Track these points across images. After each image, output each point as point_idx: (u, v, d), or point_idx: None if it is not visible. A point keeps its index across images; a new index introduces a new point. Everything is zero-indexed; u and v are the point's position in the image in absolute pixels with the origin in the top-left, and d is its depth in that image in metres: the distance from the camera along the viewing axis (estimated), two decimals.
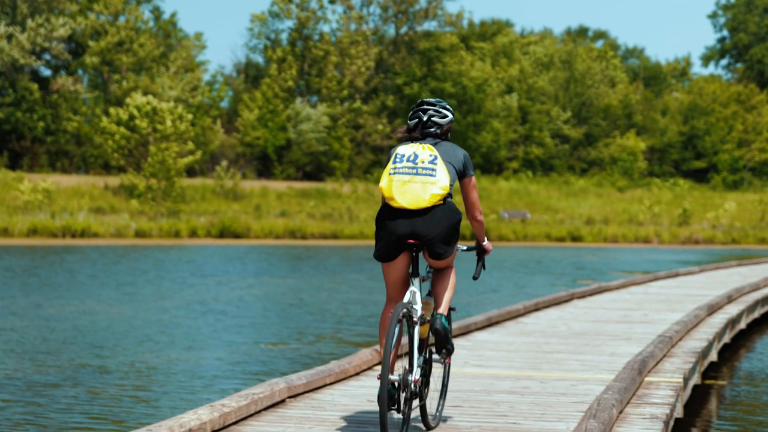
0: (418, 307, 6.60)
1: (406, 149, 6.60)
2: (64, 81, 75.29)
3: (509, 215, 63.50)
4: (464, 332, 12.42)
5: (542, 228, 59.68)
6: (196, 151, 65.11)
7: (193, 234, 52.30)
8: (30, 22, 71.58)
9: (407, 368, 6.44)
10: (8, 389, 12.21)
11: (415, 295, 6.65)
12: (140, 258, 36.96)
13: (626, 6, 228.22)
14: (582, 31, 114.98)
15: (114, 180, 64.17)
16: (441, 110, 6.78)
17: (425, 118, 6.76)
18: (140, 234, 50.80)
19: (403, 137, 6.84)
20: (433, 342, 6.76)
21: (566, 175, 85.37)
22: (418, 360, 6.53)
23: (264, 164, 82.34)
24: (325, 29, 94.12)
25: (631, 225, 64.11)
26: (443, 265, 6.83)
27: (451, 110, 6.82)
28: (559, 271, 34.44)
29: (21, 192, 54.28)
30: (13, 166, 69.43)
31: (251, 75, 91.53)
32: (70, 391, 12.12)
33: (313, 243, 52.45)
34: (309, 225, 55.55)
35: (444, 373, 7.27)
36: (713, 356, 13.06)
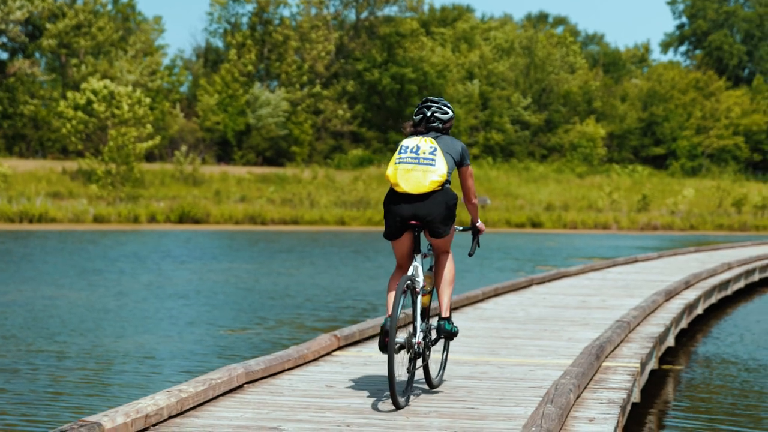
0: (420, 280, 7.51)
1: (410, 142, 7.49)
2: (21, 64, 74.58)
3: None
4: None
5: (502, 214, 59.84)
6: (156, 136, 64.76)
7: (153, 219, 52.03)
8: None
9: (411, 332, 7.35)
10: None
11: (418, 269, 7.54)
12: (99, 243, 36.73)
13: None
14: (542, 17, 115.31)
15: (72, 164, 63.71)
16: (443, 107, 7.69)
17: (429, 114, 7.67)
18: (99, 219, 50.47)
19: (410, 131, 7.70)
20: (438, 335, 7.82)
21: (526, 161, 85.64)
22: (421, 326, 7.45)
23: (224, 149, 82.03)
24: (286, 14, 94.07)
25: (591, 211, 64.43)
26: (442, 245, 7.66)
27: (452, 108, 7.73)
28: (519, 257, 34.56)
29: None
30: None
31: (211, 59, 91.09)
32: (28, 377, 12.03)
33: (273, 228, 52.33)
34: (269, 210, 55.40)
35: (445, 347, 8.25)
36: (670, 341, 13.15)
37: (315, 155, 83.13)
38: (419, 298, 7.45)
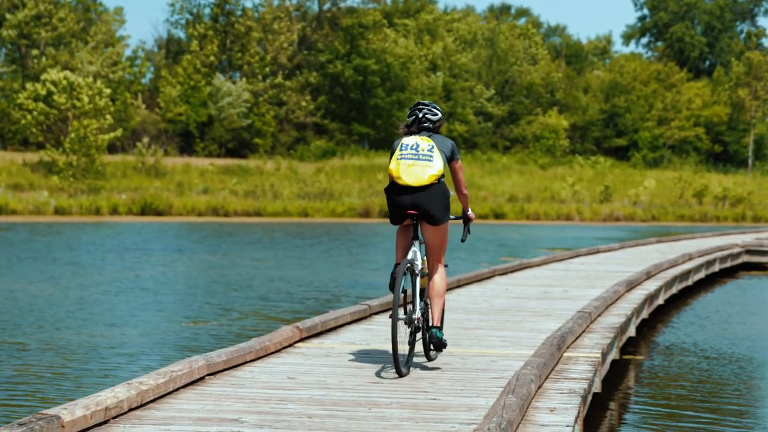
0: (419, 263, 8.38)
1: (410, 140, 8.36)
2: None
3: None
4: (386, 309, 12.43)
5: None
6: (117, 128, 64.37)
7: (114, 211, 51.74)
8: None
9: (411, 309, 8.31)
10: None
11: (416, 254, 8.40)
12: (60, 235, 36.49)
13: None
14: (504, 9, 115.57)
15: (33, 156, 63.23)
16: (433, 110, 8.56)
17: (420, 116, 8.53)
18: (60, 211, 50.14)
19: (404, 132, 8.58)
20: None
21: (489, 153, 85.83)
22: (420, 304, 8.36)
23: (186, 141, 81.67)
24: (248, 4, 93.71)
25: (554, 202, 64.65)
26: (437, 238, 8.45)
27: (440, 110, 8.65)
28: (482, 248, 34.64)
29: None
30: None
31: (173, 51, 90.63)
32: None
33: (236, 220, 52.18)
34: (232, 202, 55.23)
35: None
36: (632, 331, 13.22)
37: (278, 147, 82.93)
38: (418, 279, 8.32)
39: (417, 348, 9.00)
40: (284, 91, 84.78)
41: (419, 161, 8.25)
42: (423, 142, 8.33)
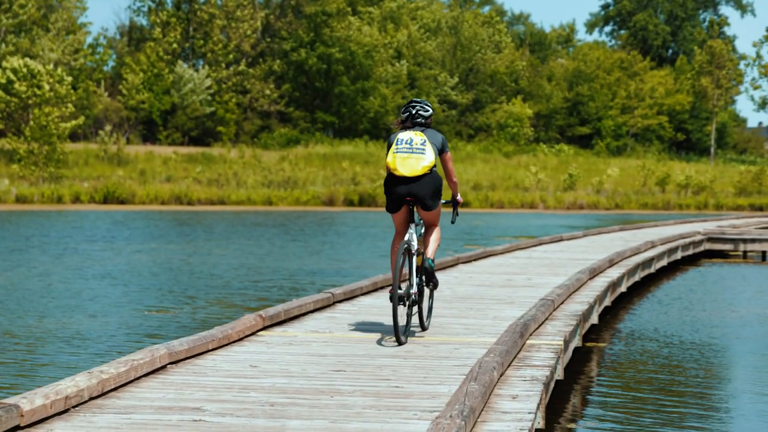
0: (415, 244, 9.39)
1: (405, 135, 9.33)
2: None
3: None
4: (349, 297, 12.42)
5: None
6: (79, 116, 63.92)
7: (77, 200, 51.42)
8: None
9: (409, 284, 9.30)
10: None
11: (412, 236, 9.40)
12: (21, 224, 36.22)
13: None
14: None
15: None
16: (425, 107, 9.59)
17: (414, 112, 9.55)
18: (21, 200, 49.77)
19: (399, 127, 9.57)
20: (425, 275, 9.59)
21: (454, 141, 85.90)
22: (416, 280, 9.39)
23: (149, 129, 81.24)
24: None
25: (518, 190, 64.83)
26: (432, 217, 9.60)
27: (431, 106, 9.66)
28: (445, 236, 34.68)
29: None
30: None
31: (135, 38, 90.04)
32: None
33: (200, 209, 51.99)
34: (195, 190, 55.02)
35: (431, 296, 10.13)
36: (594, 319, 13.27)
37: (242, 135, 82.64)
38: (414, 258, 9.36)
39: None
40: (248, 79, 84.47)
41: (413, 154, 9.23)
42: (416, 137, 9.29)
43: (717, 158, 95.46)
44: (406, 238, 9.35)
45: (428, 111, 9.60)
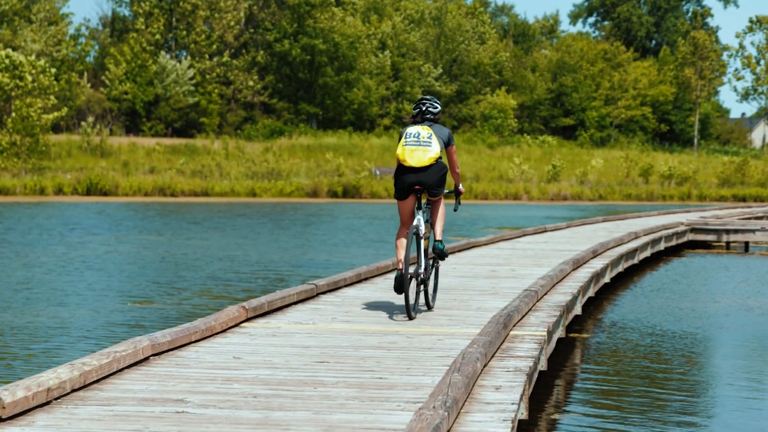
0: (423, 228, 10.29)
1: (413, 129, 10.27)
2: None
3: (380, 172, 63.71)
4: (333, 288, 12.40)
5: None
6: (62, 107, 63.67)
7: (59, 191, 51.26)
8: None
9: (418, 265, 10.22)
10: None
11: (420, 221, 10.31)
12: (3, 216, 36.08)
13: None
14: None
15: None
16: (434, 104, 10.53)
17: (424, 109, 10.47)
18: (3, 191, 49.58)
19: (410, 122, 10.50)
20: (433, 255, 10.65)
21: None
22: (424, 261, 10.29)
23: (132, 120, 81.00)
24: None
25: (502, 182, 64.89)
26: (437, 204, 10.53)
27: (440, 103, 10.66)
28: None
29: None
30: None
31: (118, 29, 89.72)
32: None
33: (183, 200, 51.88)
34: (179, 182, 54.88)
35: (436, 275, 11.09)
36: (578, 310, 13.28)
37: (225, 126, 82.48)
38: (422, 242, 10.26)
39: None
40: (231, 70, 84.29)
41: (420, 146, 10.15)
42: (423, 131, 10.21)
43: (700, 149, 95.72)
44: (415, 223, 10.28)
45: (436, 108, 10.52)
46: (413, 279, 10.26)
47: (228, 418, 6.21)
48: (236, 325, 9.69)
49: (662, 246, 25.10)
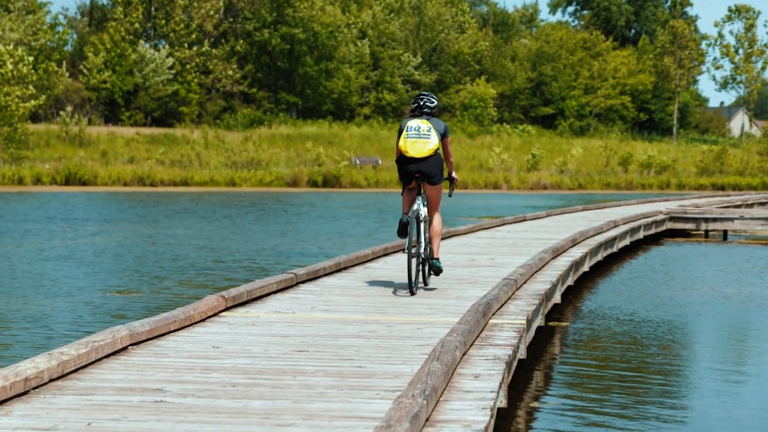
0: (423, 212, 11.14)
1: (413, 122, 11.12)
2: None
3: (360, 161, 63.67)
4: (312, 278, 12.40)
5: (393, 174, 59.93)
6: (40, 96, 63.37)
7: (38, 181, 51.06)
8: None
9: (417, 246, 11.10)
10: None
11: (420, 206, 11.17)
12: None
13: None
14: None
15: None
16: (431, 98, 11.41)
17: (422, 103, 11.33)
18: None
19: (410, 115, 11.33)
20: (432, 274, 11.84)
21: None
22: (425, 243, 11.29)
23: (111, 109, 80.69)
24: None
25: (482, 171, 64.98)
26: (435, 191, 11.34)
27: (437, 98, 11.72)
28: None
29: None
30: None
31: (96, 17, 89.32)
32: None
33: (163, 190, 51.74)
34: (158, 172, 54.75)
35: (431, 269, 11.79)
36: (557, 298, 13.31)
37: (205, 116, 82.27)
38: (422, 224, 11.13)
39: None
40: (210, 60, 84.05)
41: (420, 139, 11.01)
42: (423, 124, 11.07)
43: (679, 138, 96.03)
44: (415, 208, 11.13)
45: (434, 102, 11.42)
46: (414, 258, 11.05)
47: (207, 408, 6.20)
48: (215, 315, 9.68)
49: (641, 235, 25.18)
